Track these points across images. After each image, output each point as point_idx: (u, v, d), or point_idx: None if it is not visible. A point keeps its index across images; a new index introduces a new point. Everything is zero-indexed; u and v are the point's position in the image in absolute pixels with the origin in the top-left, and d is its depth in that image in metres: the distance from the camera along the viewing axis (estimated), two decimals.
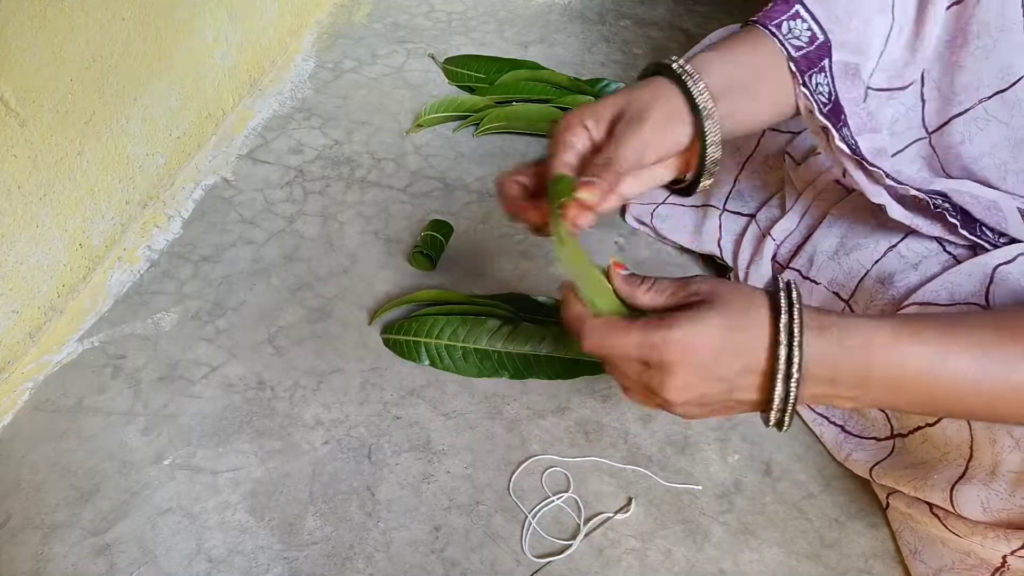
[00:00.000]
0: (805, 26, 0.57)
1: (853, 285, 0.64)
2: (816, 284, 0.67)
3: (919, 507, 0.58)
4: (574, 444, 0.68)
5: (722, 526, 0.63)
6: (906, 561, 0.59)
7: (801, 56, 0.56)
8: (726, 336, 0.42)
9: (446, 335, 0.72)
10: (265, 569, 0.59)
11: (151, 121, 0.84)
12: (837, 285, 0.65)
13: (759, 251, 0.74)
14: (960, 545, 0.55)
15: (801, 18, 0.57)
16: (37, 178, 0.69)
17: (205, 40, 0.91)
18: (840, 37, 0.57)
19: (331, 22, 1.19)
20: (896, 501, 0.61)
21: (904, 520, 0.60)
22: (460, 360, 0.72)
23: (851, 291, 0.64)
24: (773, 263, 0.73)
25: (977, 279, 0.55)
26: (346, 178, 0.92)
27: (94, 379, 0.71)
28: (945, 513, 0.55)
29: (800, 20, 0.57)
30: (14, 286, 0.70)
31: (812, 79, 0.57)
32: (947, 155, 0.63)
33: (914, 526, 0.59)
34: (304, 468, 0.65)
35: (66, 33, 0.69)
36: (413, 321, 0.73)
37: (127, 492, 0.63)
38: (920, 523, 0.58)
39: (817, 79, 0.57)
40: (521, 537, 0.61)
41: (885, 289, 0.61)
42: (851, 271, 0.64)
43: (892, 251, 0.62)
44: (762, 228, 0.75)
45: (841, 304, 0.65)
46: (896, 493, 0.59)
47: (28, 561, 0.59)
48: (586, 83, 1.04)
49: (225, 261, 0.82)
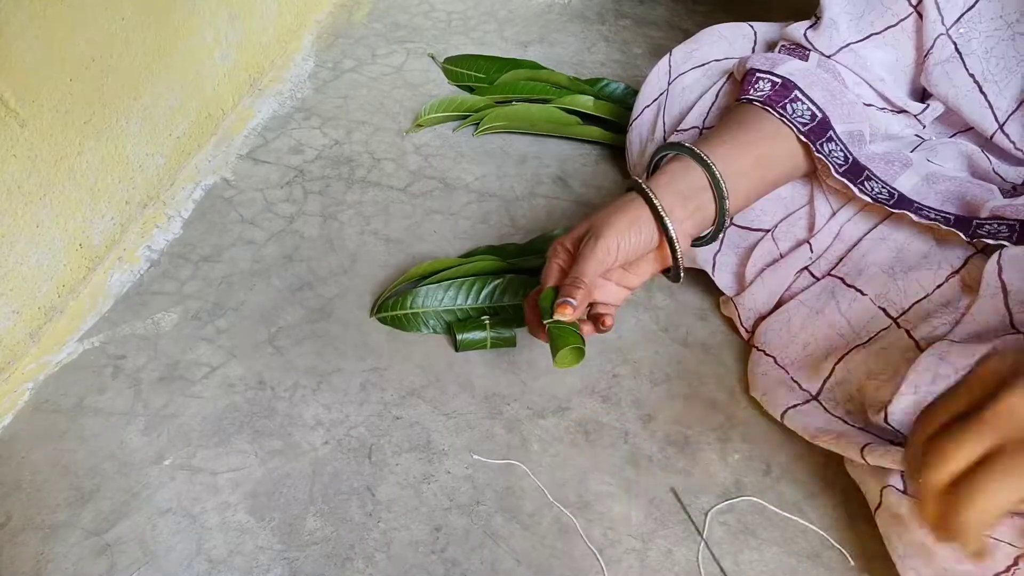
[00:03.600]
0: (804, 107, 0.66)
1: (907, 305, 0.63)
2: (861, 294, 0.65)
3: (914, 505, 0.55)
4: (574, 444, 0.68)
5: (722, 526, 0.63)
6: (896, 564, 0.57)
7: (808, 131, 0.65)
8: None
9: (441, 301, 0.76)
10: (265, 569, 0.59)
11: (151, 121, 0.84)
12: (887, 301, 0.64)
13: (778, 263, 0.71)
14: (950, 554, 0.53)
15: (800, 101, 0.66)
16: (37, 178, 0.69)
17: (205, 40, 0.91)
18: (836, 112, 0.66)
19: (331, 22, 1.19)
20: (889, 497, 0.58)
21: (891, 525, 0.58)
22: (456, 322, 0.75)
23: (902, 310, 0.63)
24: (803, 272, 0.70)
25: None
26: (346, 178, 0.92)
27: (94, 379, 0.71)
28: None
29: (800, 103, 0.66)
30: (14, 286, 0.70)
31: (824, 147, 0.65)
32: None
33: (900, 531, 0.57)
34: (304, 468, 0.65)
35: (66, 33, 0.69)
36: (408, 294, 0.75)
37: (127, 492, 0.63)
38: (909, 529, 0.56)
39: (828, 146, 0.65)
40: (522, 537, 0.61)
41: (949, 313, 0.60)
42: (908, 291, 0.63)
43: (955, 277, 0.61)
44: (780, 246, 0.71)
45: (888, 321, 0.63)
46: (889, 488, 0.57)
47: (28, 561, 0.59)
48: (586, 83, 1.04)
49: (225, 261, 0.82)
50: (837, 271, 0.68)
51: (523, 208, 0.89)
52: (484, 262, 0.78)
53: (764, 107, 0.66)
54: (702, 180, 0.62)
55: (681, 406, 0.71)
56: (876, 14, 0.67)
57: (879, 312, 0.64)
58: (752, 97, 0.67)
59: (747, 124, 0.66)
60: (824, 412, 0.66)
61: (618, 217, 0.60)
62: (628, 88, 1.02)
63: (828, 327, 0.66)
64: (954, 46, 0.64)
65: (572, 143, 0.99)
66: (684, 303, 0.80)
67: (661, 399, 0.71)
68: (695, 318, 0.78)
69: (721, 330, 0.77)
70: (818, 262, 0.69)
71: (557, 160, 0.96)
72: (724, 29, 0.81)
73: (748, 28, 0.80)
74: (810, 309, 0.68)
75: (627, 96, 1.01)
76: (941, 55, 0.65)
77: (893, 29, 0.67)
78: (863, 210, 0.68)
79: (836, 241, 0.69)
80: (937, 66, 0.66)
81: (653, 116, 0.83)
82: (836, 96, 0.66)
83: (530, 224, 0.88)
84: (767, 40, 0.79)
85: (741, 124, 0.66)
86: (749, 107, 0.67)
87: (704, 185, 0.62)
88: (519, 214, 0.89)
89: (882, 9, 0.66)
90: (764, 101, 0.66)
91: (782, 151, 0.65)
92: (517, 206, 0.90)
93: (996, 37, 0.63)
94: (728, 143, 0.64)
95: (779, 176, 0.67)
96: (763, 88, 0.67)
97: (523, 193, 0.91)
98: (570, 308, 0.58)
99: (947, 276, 0.61)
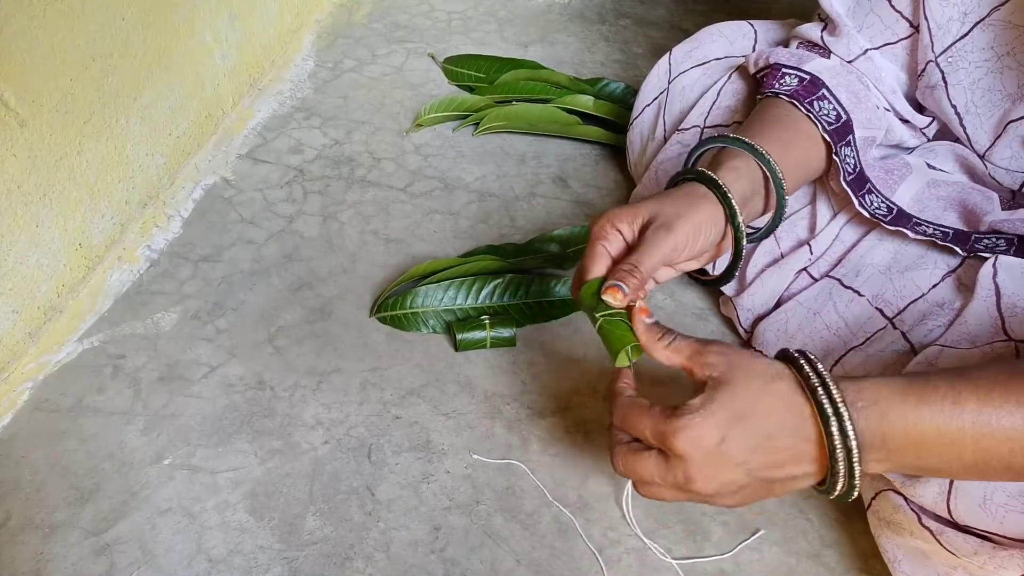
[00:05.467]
0: (831, 107, 0.64)
1: (903, 305, 0.63)
2: (859, 296, 0.65)
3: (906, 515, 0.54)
4: (574, 444, 0.68)
5: (722, 526, 0.63)
6: (888, 567, 0.57)
7: (832, 131, 0.63)
8: (736, 424, 0.44)
9: (441, 301, 0.75)
10: (265, 569, 0.59)
11: (151, 121, 0.84)
12: (883, 301, 0.63)
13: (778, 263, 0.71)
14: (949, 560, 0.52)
15: (827, 100, 0.64)
16: (37, 178, 0.69)
17: (205, 40, 0.91)
18: (859, 116, 0.65)
19: (331, 22, 1.19)
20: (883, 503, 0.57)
21: (882, 529, 0.57)
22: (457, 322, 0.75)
23: (898, 310, 0.63)
24: (802, 273, 0.70)
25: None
26: (346, 178, 0.92)
27: (94, 379, 0.71)
28: (940, 528, 0.51)
29: (827, 101, 0.64)
30: (14, 286, 0.70)
31: (842, 151, 0.64)
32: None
33: (890, 535, 0.56)
34: (304, 468, 0.65)
35: (66, 33, 0.69)
36: (407, 294, 0.75)
37: (127, 492, 0.63)
38: (900, 534, 0.55)
39: (845, 151, 0.64)
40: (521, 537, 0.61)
41: (943, 314, 0.60)
42: (903, 291, 0.63)
43: (951, 276, 0.61)
44: (781, 247, 0.72)
45: (884, 321, 0.63)
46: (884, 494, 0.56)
47: (28, 561, 0.59)
48: (586, 83, 1.04)
49: (225, 261, 0.82)
50: (835, 272, 0.68)
51: (523, 208, 0.89)
52: (484, 262, 0.78)
53: (791, 101, 0.64)
54: (760, 177, 0.60)
55: None
56: (875, 30, 0.66)
57: (876, 313, 0.64)
58: (779, 90, 0.65)
59: (783, 122, 0.64)
60: None
61: (693, 212, 0.55)
62: (628, 88, 1.02)
63: (825, 328, 0.66)
64: (941, 74, 0.64)
65: (572, 143, 0.99)
66: (684, 303, 0.80)
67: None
68: (695, 318, 0.78)
69: (721, 330, 0.77)
70: (817, 263, 0.69)
71: (557, 160, 0.96)
72: (724, 27, 0.81)
73: (748, 26, 0.80)
74: (808, 310, 0.68)
75: (627, 96, 1.01)
76: (930, 80, 0.65)
77: (892, 47, 0.66)
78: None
79: (835, 242, 0.69)
80: (927, 89, 0.66)
81: (654, 115, 0.83)
82: (860, 100, 0.66)
83: (530, 224, 0.87)
84: (767, 39, 0.79)
85: (778, 120, 0.64)
86: (777, 101, 0.65)
87: (759, 185, 0.60)
88: (519, 214, 0.89)
89: (881, 27, 0.66)
90: (791, 95, 0.64)
91: (815, 154, 0.64)
92: (517, 206, 0.90)
93: (985, 68, 0.62)
94: (775, 141, 0.61)
95: (808, 176, 0.66)
96: (790, 83, 0.66)
97: (523, 193, 0.91)
98: (621, 293, 0.51)
99: (943, 275, 0.62)
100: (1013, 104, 0.62)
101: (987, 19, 0.61)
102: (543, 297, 0.77)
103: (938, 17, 0.62)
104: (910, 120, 0.69)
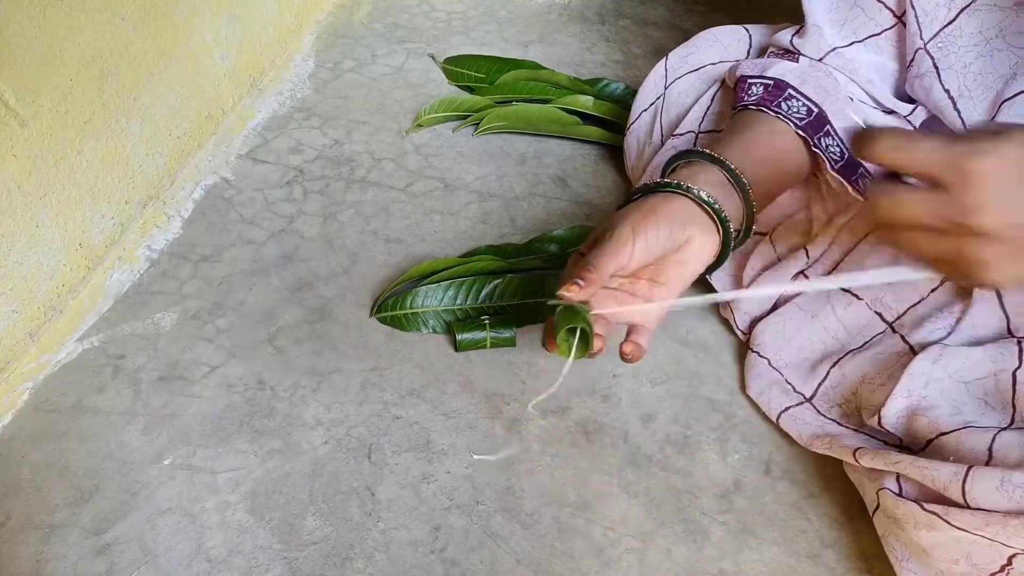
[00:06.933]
0: (800, 103, 0.65)
1: (902, 310, 0.63)
2: (857, 299, 0.65)
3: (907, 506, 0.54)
4: (574, 444, 0.68)
5: (722, 526, 0.63)
6: (895, 567, 0.57)
7: (805, 125, 0.64)
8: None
9: (441, 301, 0.75)
10: (265, 569, 0.59)
11: (151, 121, 0.84)
12: (882, 305, 0.64)
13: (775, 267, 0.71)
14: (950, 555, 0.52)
15: (795, 98, 0.65)
16: (37, 178, 0.69)
17: (205, 40, 0.91)
18: (832, 107, 0.65)
19: (331, 22, 1.19)
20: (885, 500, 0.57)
21: (889, 527, 0.57)
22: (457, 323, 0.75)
23: (898, 314, 0.63)
24: (799, 276, 0.70)
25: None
26: (346, 178, 0.92)
27: (94, 379, 0.71)
28: (946, 508, 0.51)
29: (795, 100, 0.65)
30: (14, 286, 0.70)
31: (821, 141, 0.64)
32: None
33: (898, 533, 0.56)
34: (304, 468, 0.65)
35: (66, 33, 0.69)
36: (407, 294, 0.75)
37: (127, 492, 0.63)
38: (904, 531, 0.55)
39: (826, 141, 0.64)
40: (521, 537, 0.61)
41: (944, 318, 0.60)
42: (903, 296, 0.63)
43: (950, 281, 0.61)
44: (777, 248, 0.72)
45: (883, 326, 0.63)
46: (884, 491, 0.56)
47: (28, 561, 0.59)
48: (586, 83, 1.04)
49: (225, 261, 0.82)
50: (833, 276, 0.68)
51: (523, 208, 0.89)
52: (484, 262, 0.78)
53: (759, 108, 0.65)
54: (719, 177, 0.60)
55: (680, 406, 0.71)
56: (859, 23, 0.67)
57: (874, 317, 0.64)
58: (747, 102, 0.66)
59: (750, 125, 0.65)
60: (817, 414, 0.66)
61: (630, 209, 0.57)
62: (628, 88, 1.02)
63: (823, 331, 0.66)
64: (932, 60, 0.64)
65: (572, 143, 0.99)
66: None
67: (661, 399, 0.71)
68: (695, 318, 0.78)
69: (720, 330, 0.77)
70: (814, 267, 0.69)
71: (557, 160, 0.96)
72: (719, 32, 0.81)
73: (743, 31, 0.80)
74: (805, 313, 0.68)
75: (627, 96, 1.01)
76: (920, 68, 0.65)
77: (876, 38, 0.66)
78: (860, 215, 0.68)
79: (832, 246, 0.69)
80: (916, 78, 0.66)
81: (650, 120, 0.84)
82: (830, 92, 0.66)
83: (530, 224, 0.88)
84: (762, 43, 0.79)
85: (746, 125, 0.65)
86: (746, 112, 0.67)
87: (722, 182, 0.60)
88: (519, 214, 0.89)
89: (864, 19, 0.66)
90: (758, 103, 0.66)
91: (787, 144, 0.65)
92: (517, 206, 0.90)
93: (975, 52, 0.62)
94: (735, 144, 0.63)
95: (792, 171, 0.66)
96: (756, 92, 0.67)
97: (523, 193, 0.91)
98: (576, 287, 0.52)
99: (942, 280, 0.61)
100: (1006, 84, 0.62)
101: (973, 4, 0.61)
102: (543, 297, 0.77)
103: (924, 3, 0.62)
104: (893, 109, 0.69)
